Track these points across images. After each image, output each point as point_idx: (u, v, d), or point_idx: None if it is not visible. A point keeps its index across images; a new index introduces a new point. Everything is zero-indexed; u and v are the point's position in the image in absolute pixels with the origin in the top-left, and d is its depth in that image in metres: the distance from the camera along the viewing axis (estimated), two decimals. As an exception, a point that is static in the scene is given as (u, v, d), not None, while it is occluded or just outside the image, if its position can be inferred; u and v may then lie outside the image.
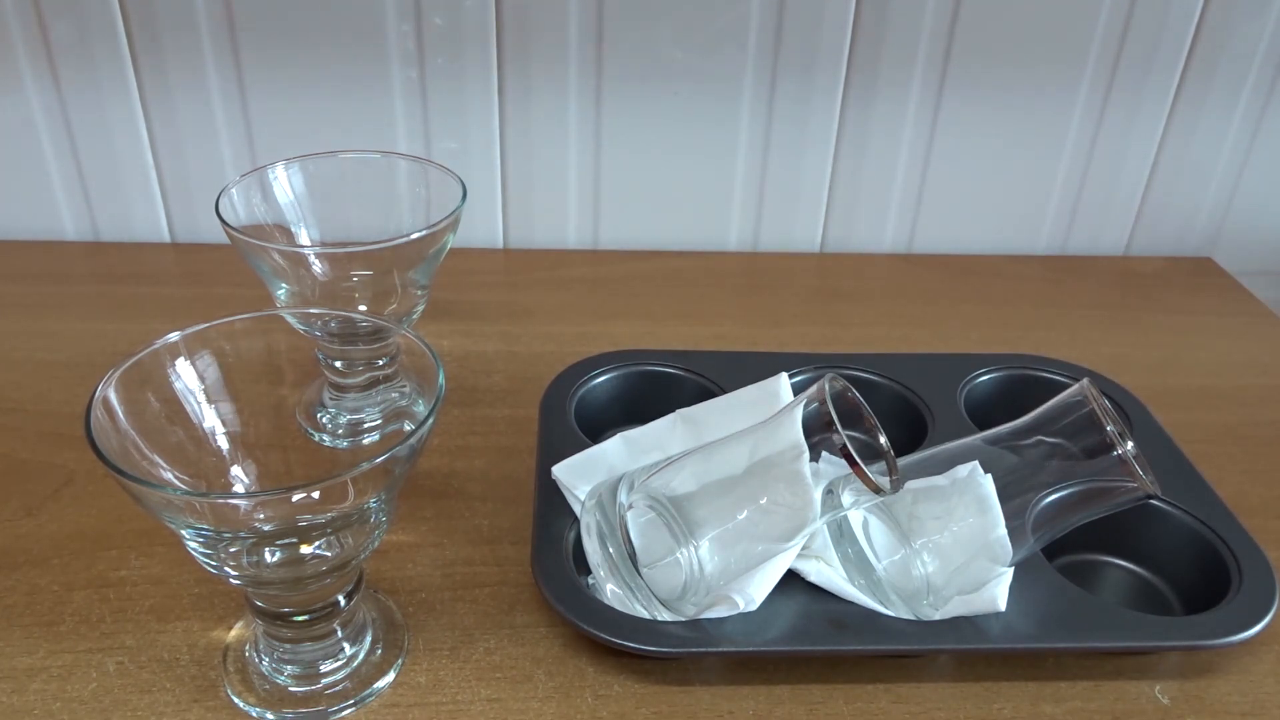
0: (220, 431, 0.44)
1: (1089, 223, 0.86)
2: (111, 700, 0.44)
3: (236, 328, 0.44)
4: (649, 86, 0.77)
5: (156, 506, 0.37)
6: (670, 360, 0.63)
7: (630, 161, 0.80)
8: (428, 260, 0.53)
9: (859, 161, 0.81)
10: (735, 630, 0.45)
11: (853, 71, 0.77)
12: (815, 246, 0.85)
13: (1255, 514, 0.56)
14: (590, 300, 0.76)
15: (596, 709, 0.45)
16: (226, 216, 0.51)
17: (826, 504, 0.44)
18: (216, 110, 0.76)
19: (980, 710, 0.46)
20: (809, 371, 0.61)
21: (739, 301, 0.78)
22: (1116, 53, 0.77)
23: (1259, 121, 0.82)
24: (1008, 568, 0.47)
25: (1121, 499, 0.46)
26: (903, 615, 0.47)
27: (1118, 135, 0.81)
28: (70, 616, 0.48)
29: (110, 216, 0.80)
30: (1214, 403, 0.68)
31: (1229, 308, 0.81)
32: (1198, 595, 0.51)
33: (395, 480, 0.39)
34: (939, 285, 0.81)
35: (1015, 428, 0.48)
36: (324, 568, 0.41)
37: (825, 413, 0.42)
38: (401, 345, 0.52)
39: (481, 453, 0.59)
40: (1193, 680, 0.48)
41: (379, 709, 0.44)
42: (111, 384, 0.39)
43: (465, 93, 0.76)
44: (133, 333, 0.68)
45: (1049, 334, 0.75)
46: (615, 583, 0.47)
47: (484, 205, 0.81)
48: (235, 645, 0.47)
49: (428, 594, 0.50)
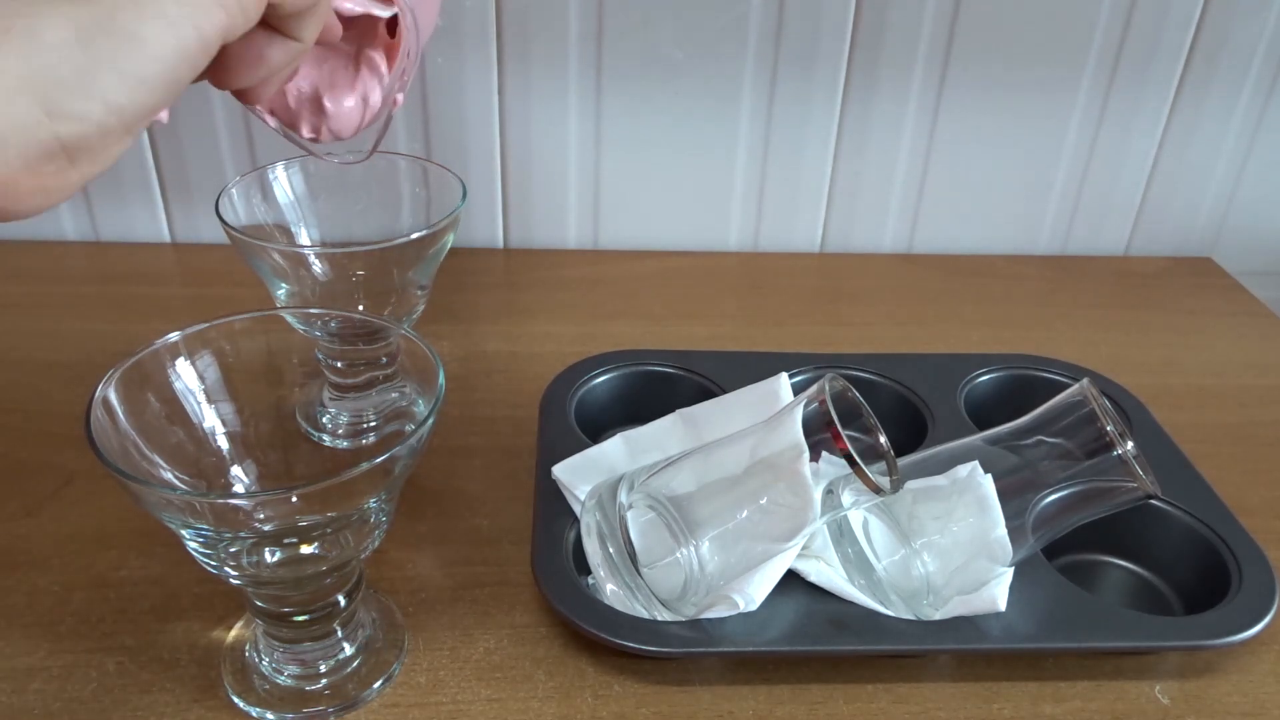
0: (220, 431, 0.44)
1: (1089, 223, 0.86)
2: (111, 700, 0.44)
3: (236, 328, 0.44)
4: (649, 86, 0.77)
5: (156, 506, 0.37)
6: (670, 360, 0.63)
7: (630, 161, 0.80)
8: (428, 260, 0.53)
9: (859, 161, 0.81)
10: (735, 630, 0.45)
11: (853, 71, 0.77)
12: (815, 246, 0.85)
13: (1255, 514, 0.55)
14: (590, 300, 0.76)
15: (596, 709, 0.45)
16: (226, 216, 0.51)
17: (826, 504, 0.44)
18: (216, 110, 0.76)
19: (980, 710, 0.46)
20: (809, 371, 0.62)
21: (739, 301, 0.78)
22: (1116, 53, 0.77)
23: (1259, 121, 0.82)
24: (1008, 568, 0.47)
25: (1121, 499, 0.46)
26: (903, 615, 0.47)
27: (1118, 135, 0.81)
28: (70, 616, 0.48)
29: (110, 216, 0.80)
30: (1214, 403, 0.68)
31: (1229, 308, 0.81)
32: (1198, 595, 0.51)
33: (395, 480, 0.39)
34: (939, 285, 0.81)
35: (1015, 428, 0.48)
36: (324, 568, 0.41)
37: (825, 413, 0.42)
38: (401, 345, 0.52)
39: (481, 453, 0.59)
40: (1193, 680, 0.48)
41: (379, 709, 0.44)
42: (111, 384, 0.39)
43: (465, 93, 0.76)
44: (133, 333, 0.68)
45: (1049, 334, 0.75)
46: (615, 583, 0.47)
47: (484, 205, 0.81)
48: (235, 645, 0.47)
49: (428, 594, 0.50)
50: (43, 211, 0.31)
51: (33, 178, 0.30)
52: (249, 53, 0.35)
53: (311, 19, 0.36)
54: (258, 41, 0.35)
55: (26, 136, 0.29)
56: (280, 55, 0.36)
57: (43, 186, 0.30)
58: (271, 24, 0.35)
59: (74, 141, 0.30)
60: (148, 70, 0.30)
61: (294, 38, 0.36)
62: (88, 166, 0.31)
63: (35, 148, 0.29)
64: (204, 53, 0.32)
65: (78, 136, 0.30)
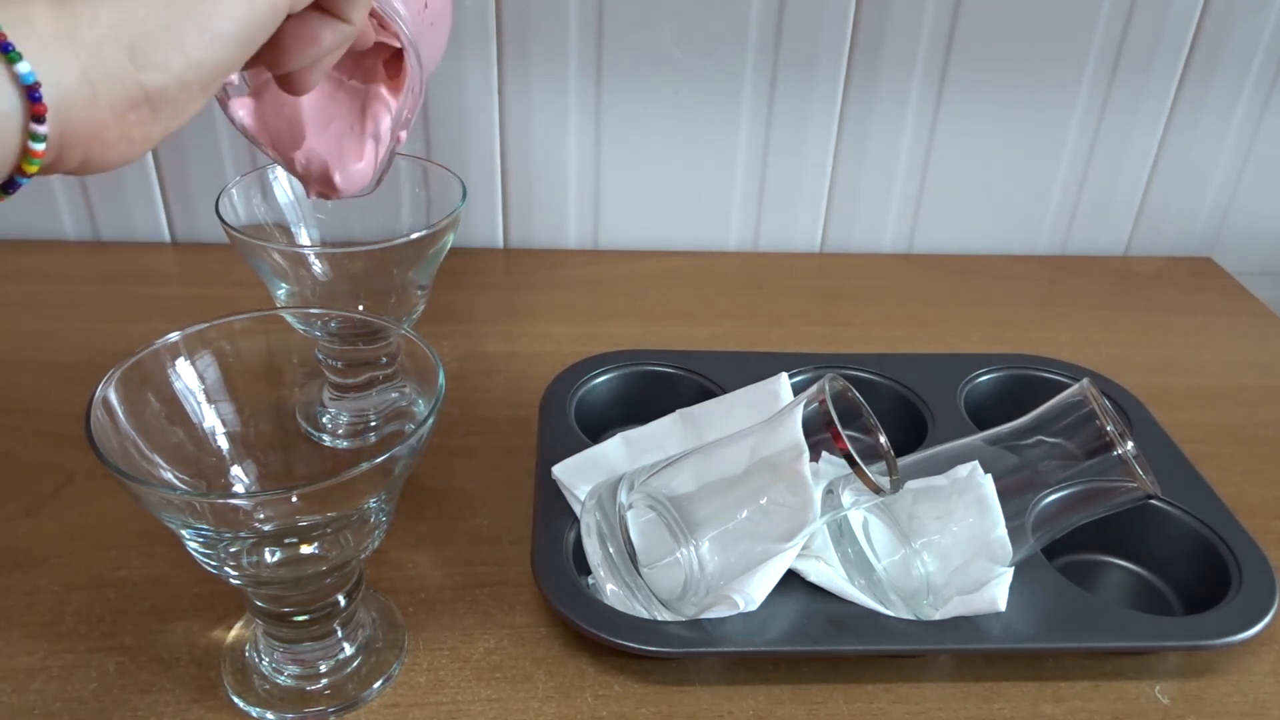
0: (220, 431, 0.44)
1: (1089, 223, 0.86)
2: (111, 700, 0.44)
3: (236, 328, 0.44)
4: (649, 86, 0.77)
5: (156, 506, 0.37)
6: (670, 360, 0.63)
7: (630, 161, 0.80)
8: (428, 260, 0.53)
9: (859, 161, 0.81)
10: (735, 630, 0.45)
11: (853, 71, 0.77)
12: (815, 246, 0.85)
13: (1255, 514, 0.55)
14: (590, 300, 0.76)
15: (596, 709, 0.45)
16: (226, 216, 0.51)
17: (826, 504, 0.44)
18: (216, 111, 0.76)
19: (980, 710, 0.46)
20: (809, 371, 0.62)
21: (739, 301, 0.78)
22: (1116, 53, 0.77)
23: (1259, 121, 0.82)
24: (1008, 568, 0.47)
25: (1121, 499, 0.46)
26: (903, 615, 0.47)
27: (1118, 135, 0.81)
28: (70, 616, 0.48)
29: (110, 216, 0.80)
30: (1214, 403, 0.68)
31: (1229, 308, 0.81)
32: (1198, 595, 0.51)
33: (395, 480, 0.39)
34: (939, 285, 0.81)
35: (1015, 428, 0.48)
36: (324, 568, 0.41)
37: (825, 413, 0.42)
38: (401, 345, 0.52)
39: (481, 453, 0.59)
40: (1193, 680, 0.48)
41: (379, 709, 0.44)
42: (111, 384, 0.39)
43: (465, 93, 0.76)
44: (133, 333, 0.68)
45: (1049, 334, 0.75)
46: (615, 583, 0.47)
47: (484, 205, 0.81)
48: (235, 645, 0.47)
49: (428, 594, 0.50)
50: (126, 163, 0.33)
51: (119, 125, 0.32)
52: (304, 32, 0.38)
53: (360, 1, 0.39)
54: (311, 23, 0.38)
55: (115, 84, 0.31)
56: (332, 37, 0.38)
57: (127, 135, 0.32)
58: (324, 7, 0.38)
59: (157, 92, 0.32)
60: (224, 28, 0.33)
61: (344, 19, 0.38)
62: (168, 119, 0.33)
63: (123, 95, 0.31)
64: (274, 16, 0.34)
65: (160, 87, 0.32)
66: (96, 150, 0.32)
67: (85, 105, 0.31)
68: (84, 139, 0.31)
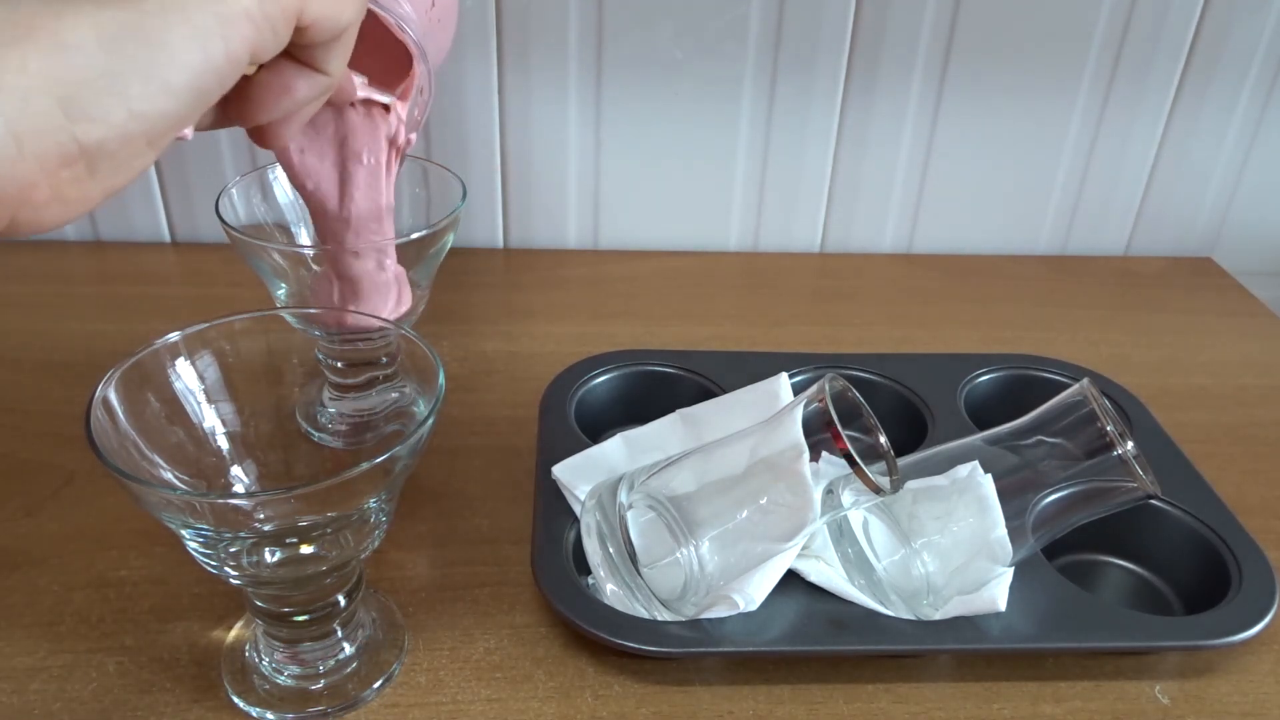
0: (220, 431, 0.44)
1: (1089, 223, 0.86)
2: (111, 700, 0.44)
3: (236, 328, 0.44)
4: (649, 86, 0.77)
5: (156, 506, 0.37)
6: (670, 360, 0.63)
7: (630, 161, 0.80)
8: (428, 260, 0.53)
9: (859, 161, 0.81)
10: (735, 630, 0.45)
11: (853, 71, 0.77)
12: (815, 246, 0.85)
13: (1255, 514, 0.56)
14: (590, 300, 0.76)
15: (596, 709, 0.45)
16: (226, 216, 0.51)
17: (826, 504, 0.44)
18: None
19: (980, 710, 0.46)
20: (809, 371, 0.62)
21: (739, 301, 0.78)
22: (1116, 53, 0.77)
23: (1259, 121, 0.82)
24: (1008, 568, 0.47)
25: (1121, 499, 0.46)
26: (903, 615, 0.47)
27: (1118, 135, 0.81)
28: (70, 616, 0.48)
29: (110, 216, 0.80)
30: (1214, 403, 0.68)
31: (1229, 308, 0.81)
32: (1198, 595, 0.51)
33: (395, 480, 0.39)
34: (939, 285, 0.81)
35: (1015, 428, 0.48)
36: (324, 568, 0.41)
37: (825, 412, 0.42)
38: (401, 345, 0.52)
39: (481, 453, 0.59)
40: (1193, 680, 0.48)
41: (379, 709, 0.44)
42: (111, 384, 0.39)
43: (465, 93, 0.76)
44: (133, 333, 0.68)
45: (1049, 334, 0.75)
46: (615, 583, 0.47)
47: (484, 205, 0.81)
48: (235, 645, 0.47)
49: (428, 594, 0.50)
50: (61, 225, 0.30)
51: (50, 184, 0.29)
52: (276, 83, 0.35)
53: (338, 50, 0.36)
54: (285, 73, 0.35)
55: (44, 138, 0.28)
56: (306, 89, 0.36)
57: (61, 195, 0.29)
58: (298, 56, 0.35)
59: (93, 146, 0.29)
60: (173, 78, 0.30)
61: (321, 70, 0.36)
62: (109, 177, 0.30)
63: (53, 150, 0.28)
64: (231, 66, 0.31)
65: (97, 141, 0.29)
66: (25, 213, 0.29)
67: (9, 162, 0.27)
68: (10, 200, 0.28)
